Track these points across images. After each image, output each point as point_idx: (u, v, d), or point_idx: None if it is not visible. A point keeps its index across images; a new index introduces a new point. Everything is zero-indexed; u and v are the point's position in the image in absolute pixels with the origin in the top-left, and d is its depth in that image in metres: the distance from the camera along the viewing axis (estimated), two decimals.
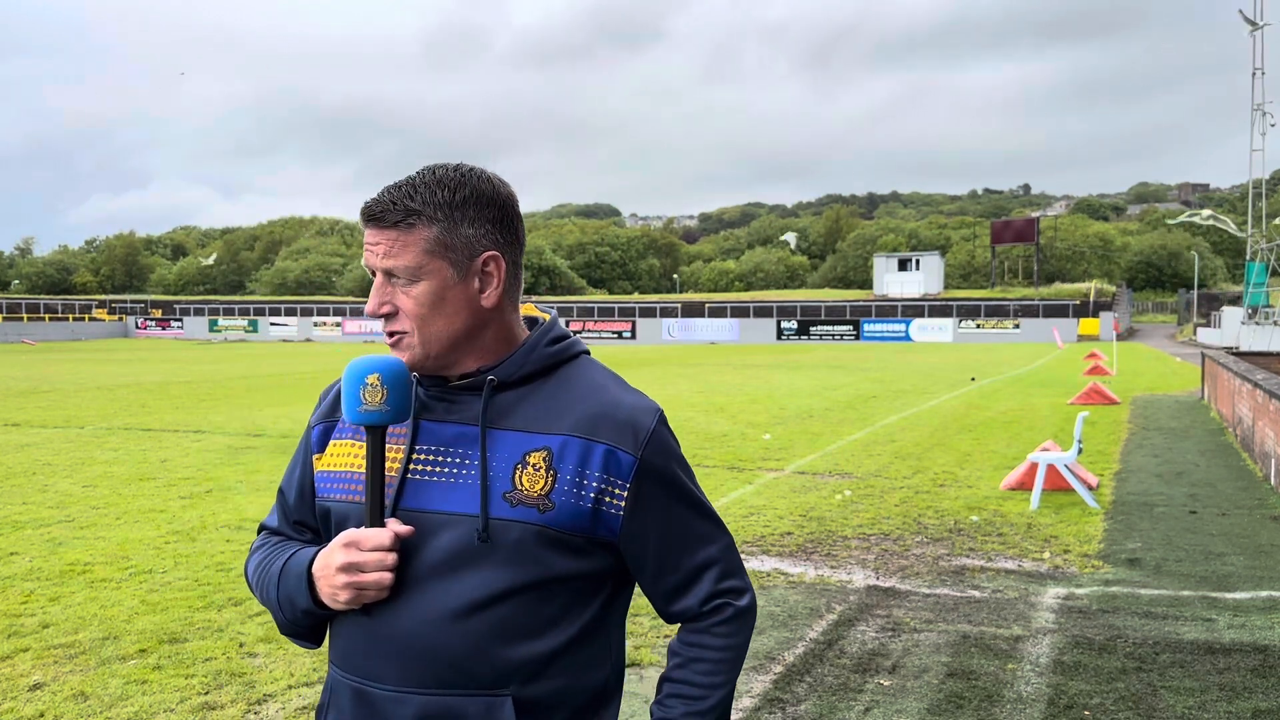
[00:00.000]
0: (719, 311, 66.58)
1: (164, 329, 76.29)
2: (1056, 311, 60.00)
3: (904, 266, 73.53)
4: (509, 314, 1.57)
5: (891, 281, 72.72)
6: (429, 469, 1.51)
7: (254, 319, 74.86)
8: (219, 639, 5.30)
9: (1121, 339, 52.55)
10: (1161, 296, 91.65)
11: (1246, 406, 12.42)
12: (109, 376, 27.36)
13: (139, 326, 77.48)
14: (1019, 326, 58.93)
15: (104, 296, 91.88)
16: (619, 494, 1.50)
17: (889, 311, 63.35)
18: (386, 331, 1.52)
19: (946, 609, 6.01)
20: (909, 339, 59.13)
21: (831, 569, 6.93)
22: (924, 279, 71.73)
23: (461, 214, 1.50)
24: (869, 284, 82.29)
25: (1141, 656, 5.16)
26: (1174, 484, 10.23)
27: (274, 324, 73.50)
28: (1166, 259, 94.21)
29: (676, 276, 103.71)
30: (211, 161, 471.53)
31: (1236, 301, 55.00)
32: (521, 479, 1.47)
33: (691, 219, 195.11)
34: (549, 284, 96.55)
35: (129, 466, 11.14)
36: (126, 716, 4.34)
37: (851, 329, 61.01)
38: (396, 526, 1.46)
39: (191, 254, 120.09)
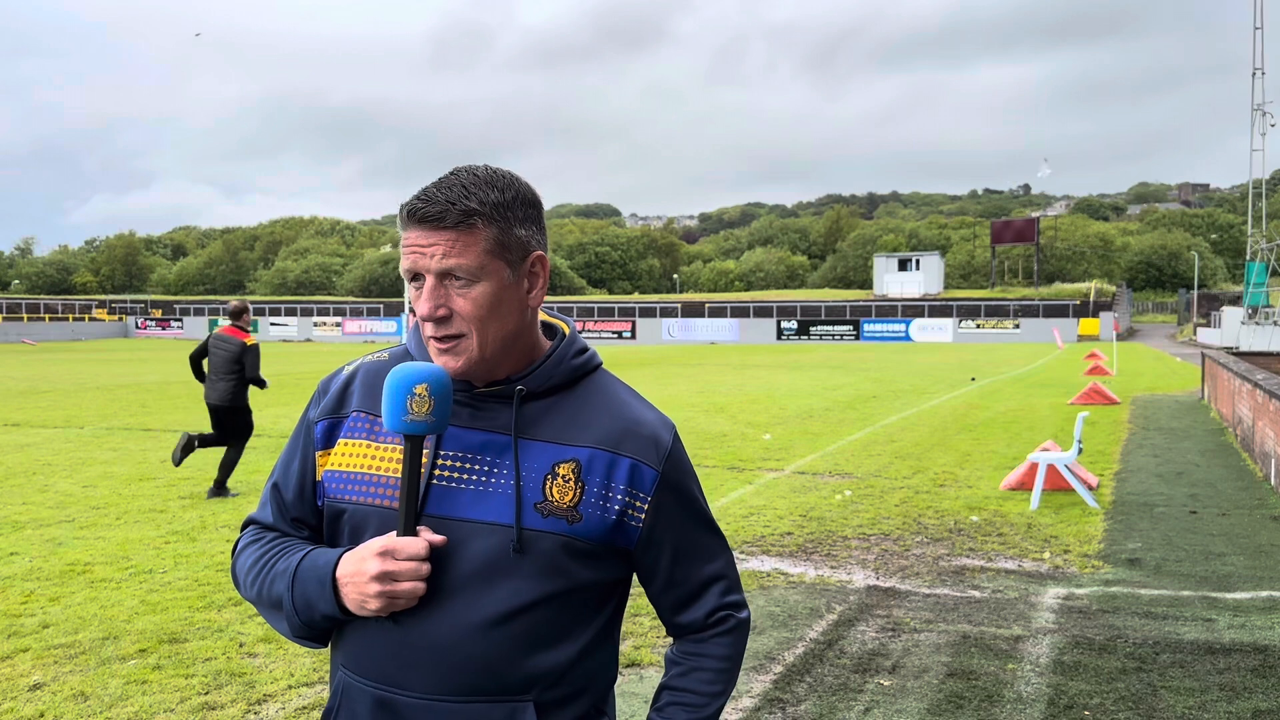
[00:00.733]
0: (719, 311, 66.59)
1: (164, 329, 76.28)
2: (1056, 311, 60.01)
3: (904, 266, 73.55)
4: (536, 319, 1.58)
5: (891, 281, 72.75)
6: (455, 475, 1.50)
7: (254, 319, 74.89)
8: (219, 639, 5.30)
9: (1121, 339, 52.56)
10: (1161, 296, 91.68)
11: (1246, 406, 12.42)
12: (109, 376, 27.36)
13: (139, 326, 77.48)
14: (1019, 326, 58.93)
15: (104, 296, 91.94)
16: (641, 506, 1.53)
17: (889, 311, 63.34)
18: (439, 335, 1.48)
19: (946, 609, 6.01)
20: (909, 339, 59.12)
21: (831, 569, 6.93)
22: (924, 279, 71.75)
23: (514, 214, 1.49)
24: (869, 284, 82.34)
25: (1141, 656, 5.16)
26: (1174, 484, 10.23)
27: (274, 324, 73.50)
28: (1166, 259, 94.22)
29: (676, 276, 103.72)
30: (215, 162, 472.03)
31: (1236, 301, 55.02)
32: (552, 490, 1.48)
33: (691, 219, 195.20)
34: (549, 284, 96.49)
35: (129, 466, 11.14)
36: (126, 716, 4.33)
37: (851, 329, 61.01)
38: (430, 536, 1.45)
39: (191, 254, 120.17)
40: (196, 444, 9.38)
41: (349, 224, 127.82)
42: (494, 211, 1.47)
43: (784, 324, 62.48)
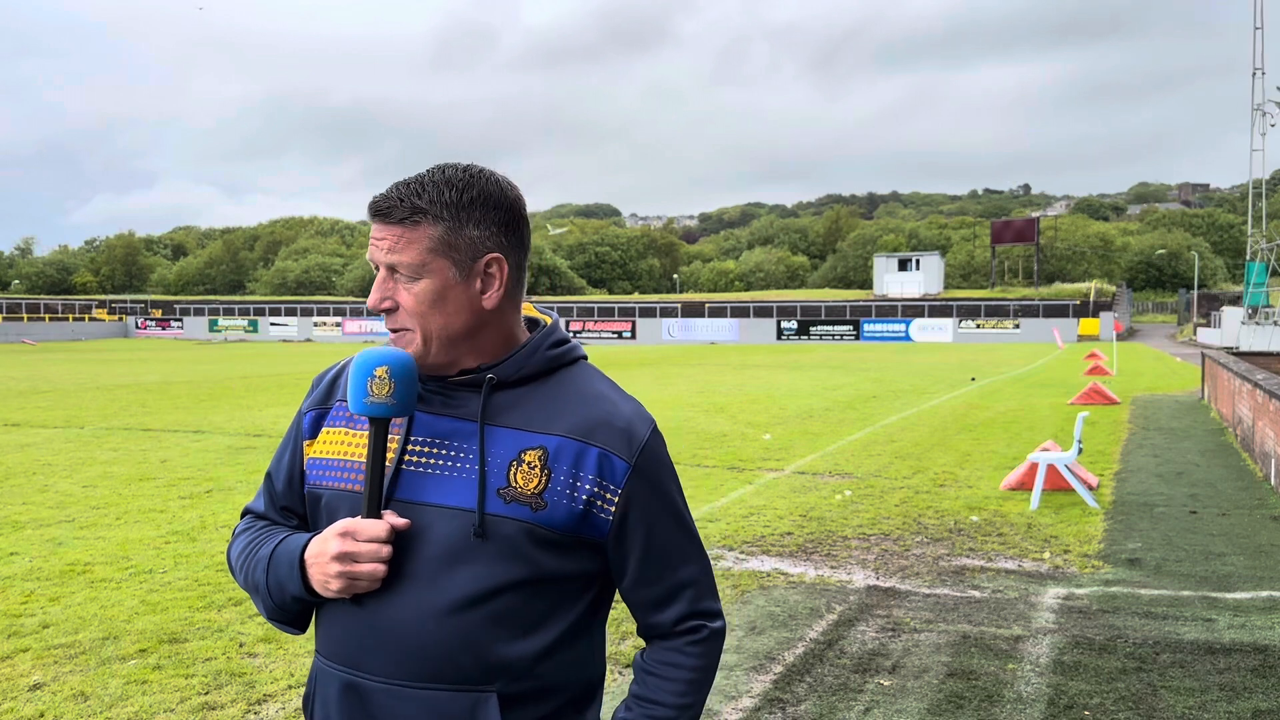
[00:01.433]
0: (719, 311, 66.59)
1: (164, 329, 76.27)
2: (1056, 311, 60.02)
3: (904, 266, 73.56)
4: (510, 315, 1.58)
5: (891, 281, 72.75)
6: (424, 461, 1.52)
7: (254, 319, 74.84)
8: (219, 639, 5.30)
9: (1121, 339, 52.54)
10: (1161, 296, 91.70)
11: (1246, 406, 12.42)
12: (109, 376, 27.36)
13: (139, 326, 77.48)
14: (1019, 326, 58.95)
15: (104, 296, 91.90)
16: (610, 498, 1.51)
17: (889, 311, 63.35)
18: (389, 327, 1.54)
19: (946, 609, 6.01)
20: (909, 339, 59.14)
21: (831, 569, 6.93)
22: (924, 279, 71.75)
23: (467, 215, 1.50)
24: (869, 284, 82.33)
25: (1141, 656, 5.16)
26: (1174, 484, 10.23)
27: (274, 324, 73.51)
28: (1166, 259, 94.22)
29: (676, 276, 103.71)
30: (216, 162, 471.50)
31: (1236, 301, 55.02)
32: (516, 476, 1.48)
33: (691, 219, 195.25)
34: (549, 284, 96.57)
35: (129, 466, 11.14)
36: (126, 716, 4.33)
37: (851, 329, 61.03)
38: (393, 519, 1.47)
39: (191, 254, 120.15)
40: None
41: (349, 224, 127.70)
42: (443, 210, 1.49)
43: (784, 324, 62.49)
